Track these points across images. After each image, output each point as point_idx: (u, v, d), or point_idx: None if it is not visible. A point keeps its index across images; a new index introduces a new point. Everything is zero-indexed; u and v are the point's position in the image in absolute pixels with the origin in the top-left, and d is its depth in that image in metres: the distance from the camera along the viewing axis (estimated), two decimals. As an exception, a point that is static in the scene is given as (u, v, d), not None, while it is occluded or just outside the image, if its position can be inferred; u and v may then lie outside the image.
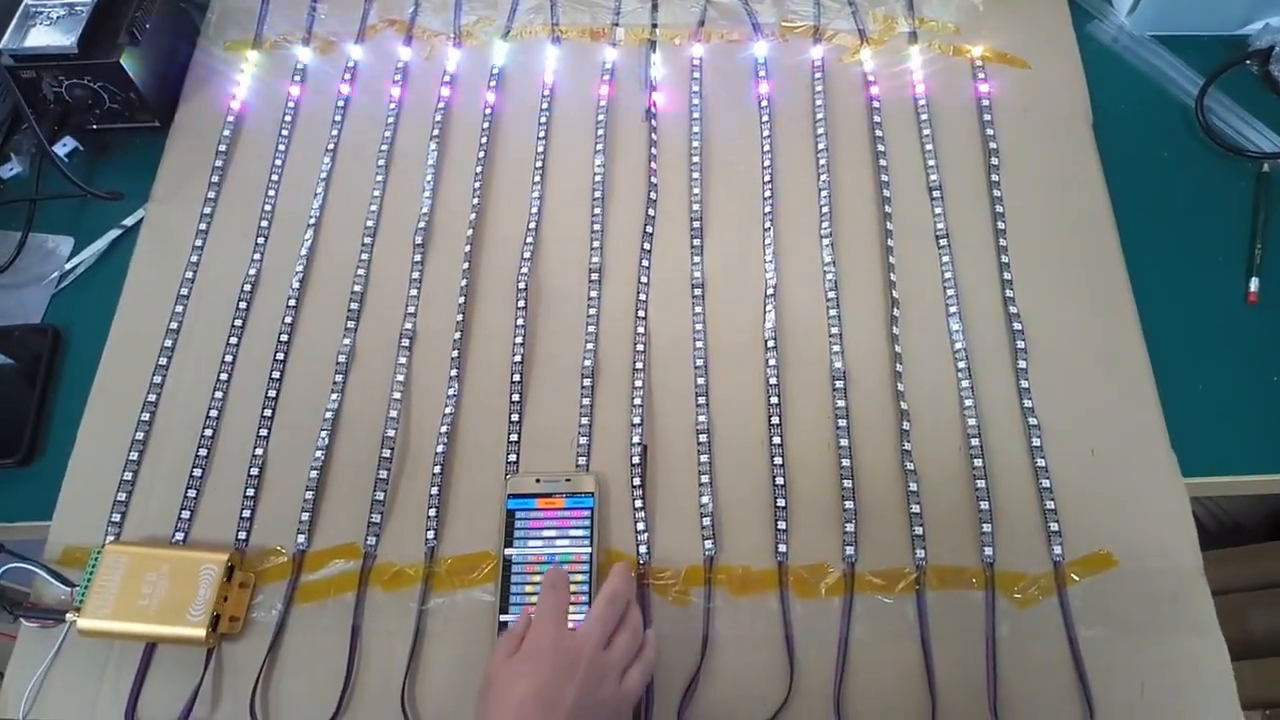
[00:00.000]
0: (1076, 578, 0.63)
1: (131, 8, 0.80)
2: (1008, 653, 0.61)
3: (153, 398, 0.71)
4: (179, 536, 0.66)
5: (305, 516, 0.66)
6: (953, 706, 0.60)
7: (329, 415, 0.70)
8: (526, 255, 0.76)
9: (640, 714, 0.60)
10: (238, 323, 0.74)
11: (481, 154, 0.81)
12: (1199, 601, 0.62)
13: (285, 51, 0.87)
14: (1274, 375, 0.71)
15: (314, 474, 0.68)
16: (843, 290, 0.74)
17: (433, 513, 0.66)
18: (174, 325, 0.74)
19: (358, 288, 0.75)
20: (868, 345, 0.72)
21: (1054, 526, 0.65)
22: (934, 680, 0.60)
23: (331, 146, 0.82)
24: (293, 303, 0.74)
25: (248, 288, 0.75)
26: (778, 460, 0.67)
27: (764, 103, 0.82)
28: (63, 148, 0.83)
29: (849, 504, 0.66)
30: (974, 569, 0.64)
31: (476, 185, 0.79)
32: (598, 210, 0.78)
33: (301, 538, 0.66)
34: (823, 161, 0.79)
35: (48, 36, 0.76)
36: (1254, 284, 0.74)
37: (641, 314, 0.73)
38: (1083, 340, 0.71)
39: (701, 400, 0.70)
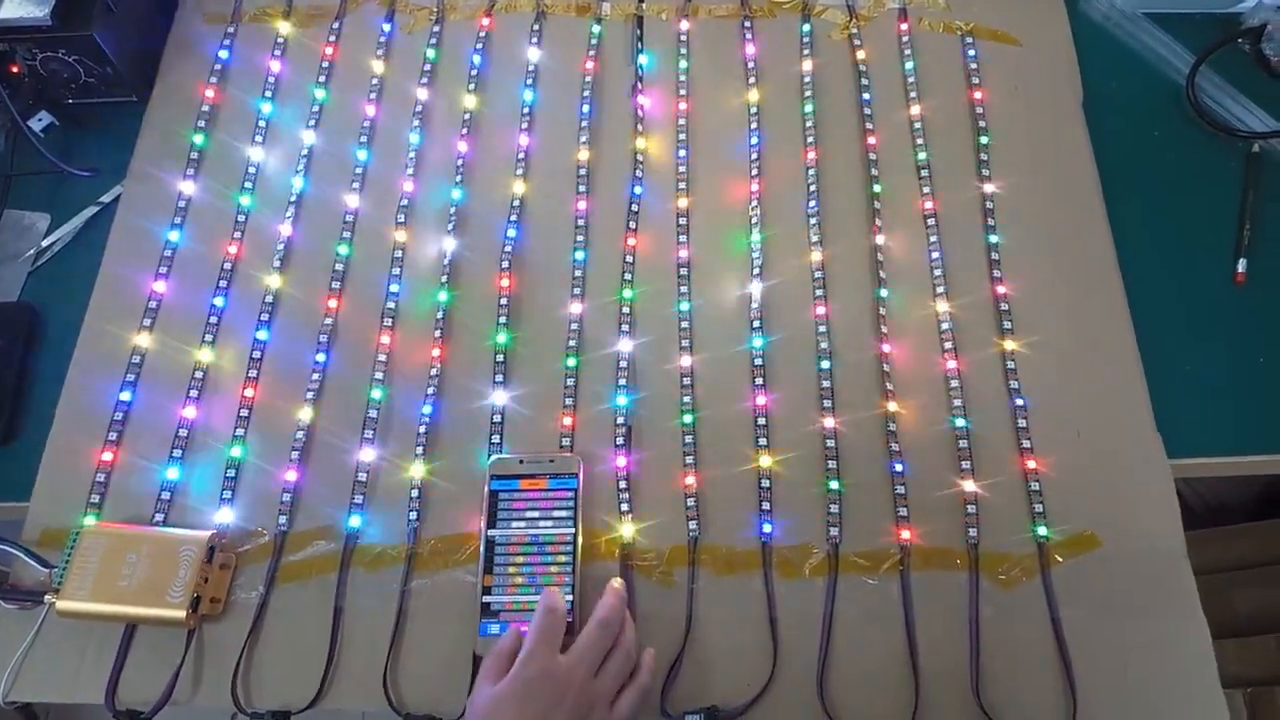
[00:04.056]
0: (1060, 559, 0.63)
1: (107, -22, 0.78)
2: (991, 633, 0.61)
3: (131, 377, 0.70)
4: (159, 517, 0.66)
5: (287, 497, 0.66)
6: (936, 687, 0.60)
7: (310, 395, 0.69)
8: (510, 234, 0.75)
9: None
10: (218, 301, 0.73)
11: (465, 131, 0.79)
12: (1182, 583, 0.63)
13: (265, 25, 0.85)
14: (1260, 357, 0.71)
15: (296, 454, 0.67)
16: (829, 270, 0.73)
17: (415, 493, 0.66)
18: (153, 304, 0.73)
19: (339, 266, 0.74)
20: (854, 325, 0.71)
21: (1039, 508, 0.65)
22: (917, 661, 0.60)
23: (313, 122, 0.80)
24: (273, 281, 0.73)
25: (227, 265, 0.74)
26: (762, 441, 0.67)
27: (751, 80, 0.81)
28: (38, 123, 0.81)
29: (833, 484, 0.65)
30: (958, 550, 0.64)
31: (460, 163, 0.78)
32: (583, 188, 0.77)
33: (283, 518, 0.65)
34: (810, 139, 0.78)
35: (20, 8, 0.74)
36: (1242, 265, 0.74)
37: (627, 294, 0.73)
38: (1070, 320, 0.71)
39: (686, 381, 0.69)
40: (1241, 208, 0.76)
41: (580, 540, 0.63)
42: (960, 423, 0.67)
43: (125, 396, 0.69)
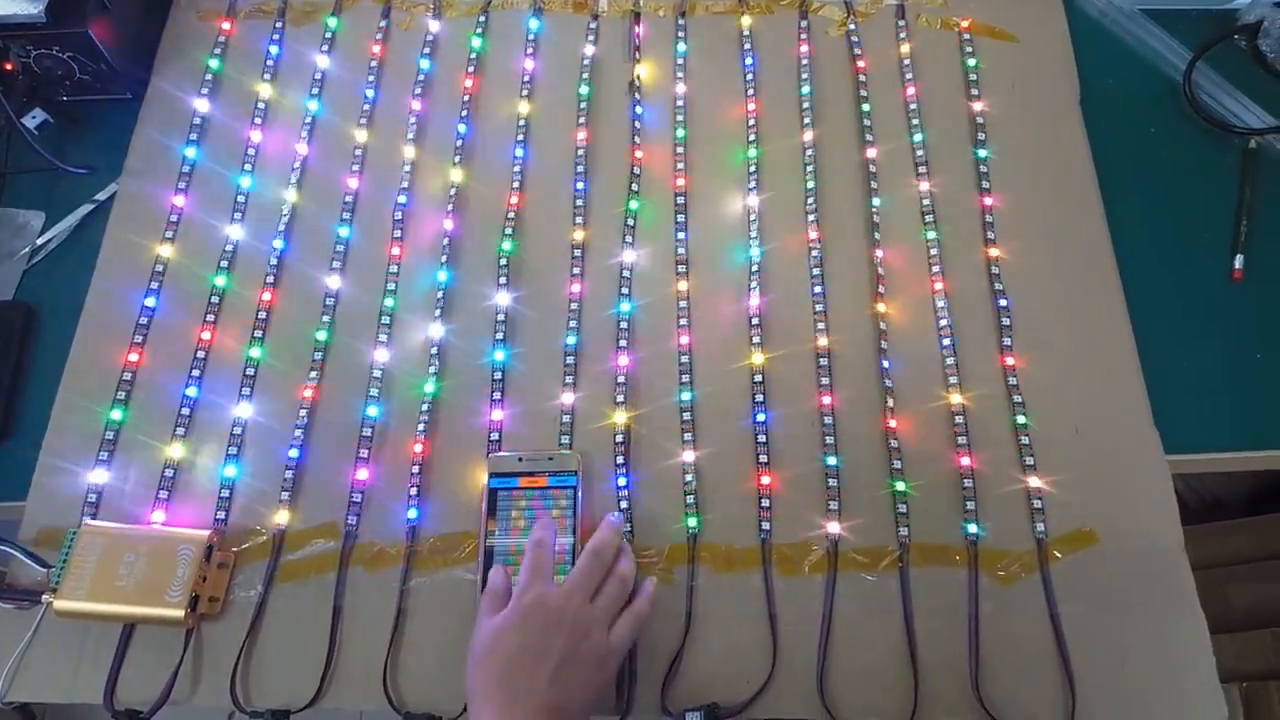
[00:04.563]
0: (1059, 555, 0.63)
1: (102, -25, 0.78)
2: (990, 629, 0.61)
3: (128, 375, 0.70)
4: (157, 516, 0.66)
5: (285, 495, 0.66)
6: (935, 683, 0.60)
7: (309, 392, 0.69)
8: (508, 230, 0.75)
9: (623, 692, 0.60)
10: (214, 299, 0.73)
11: (462, 128, 0.79)
12: (1180, 578, 0.63)
13: (261, 22, 0.85)
14: (1257, 353, 0.71)
15: (294, 452, 0.67)
16: (828, 266, 0.73)
17: (414, 491, 0.66)
18: (149, 301, 0.72)
19: (336, 263, 0.74)
20: (852, 322, 0.71)
21: (1037, 504, 0.65)
22: (916, 657, 0.61)
23: (309, 120, 0.80)
24: (270, 278, 0.73)
25: (224, 263, 0.74)
26: (761, 438, 0.67)
27: (749, 76, 0.81)
28: (32, 120, 0.80)
29: (832, 481, 0.65)
30: (957, 546, 0.64)
31: (457, 159, 0.78)
32: (580, 185, 0.77)
33: (282, 517, 0.65)
34: (808, 136, 0.78)
35: (14, 4, 0.74)
36: (1239, 261, 0.74)
37: (625, 290, 0.73)
38: (1068, 317, 0.71)
39: (685, 378, 0.69)
40: (1238, 204, 0.76)
41: (581, 538, 0.63)
42: (959, 420, 0.67)
43: (122, 395, 0.69)
